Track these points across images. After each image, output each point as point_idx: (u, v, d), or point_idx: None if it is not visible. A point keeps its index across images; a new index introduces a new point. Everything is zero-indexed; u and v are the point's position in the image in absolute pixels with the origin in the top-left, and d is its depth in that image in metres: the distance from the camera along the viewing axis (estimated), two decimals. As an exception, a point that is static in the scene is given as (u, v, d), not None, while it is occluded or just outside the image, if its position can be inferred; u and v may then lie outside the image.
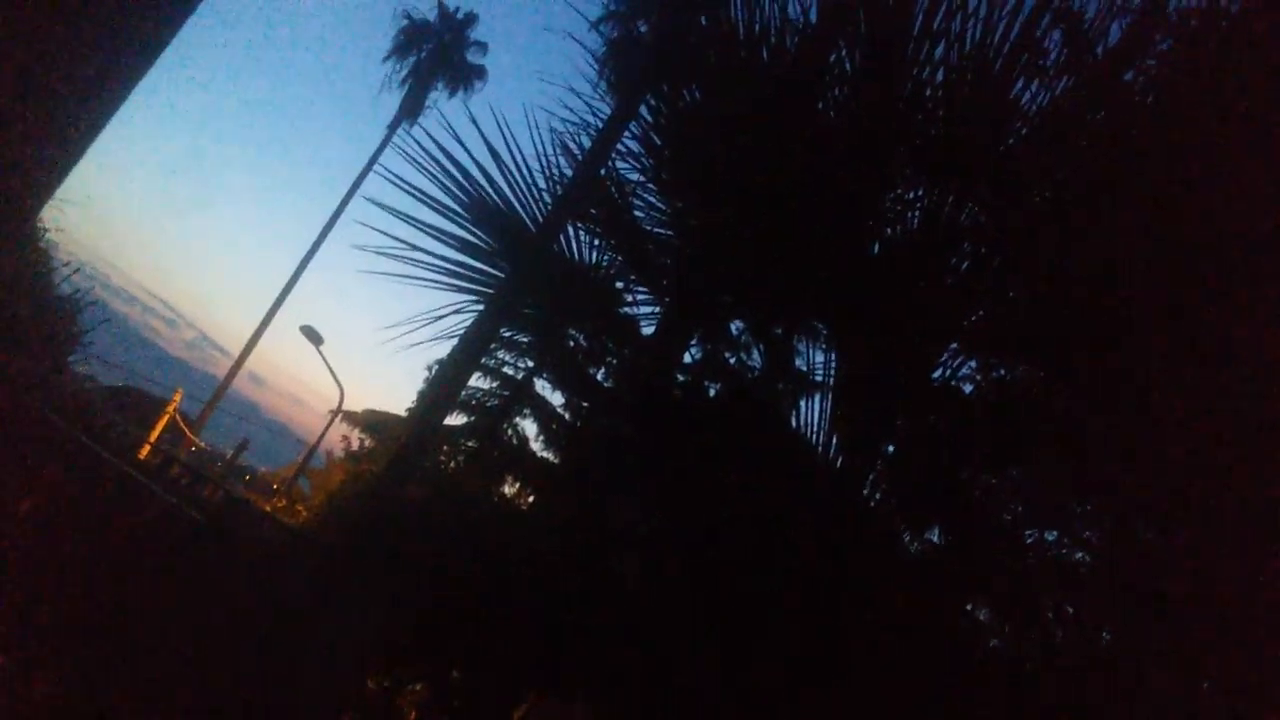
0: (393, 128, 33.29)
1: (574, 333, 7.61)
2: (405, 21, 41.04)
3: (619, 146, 6.48)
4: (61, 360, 8.57)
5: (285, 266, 34.92)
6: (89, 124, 5.66)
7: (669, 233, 6.98)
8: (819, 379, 6.37)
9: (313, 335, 19.21)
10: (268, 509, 10.38)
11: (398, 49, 40.79)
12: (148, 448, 13.25)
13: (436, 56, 40.14)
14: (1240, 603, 4.44)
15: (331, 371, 19.39)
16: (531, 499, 7.75)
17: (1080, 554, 5.41)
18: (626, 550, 5.79)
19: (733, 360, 7.01)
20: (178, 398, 18.02)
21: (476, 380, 7.90)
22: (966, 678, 4.85)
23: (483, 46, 41.67)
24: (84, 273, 9.20)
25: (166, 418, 16.67)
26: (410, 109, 37.27)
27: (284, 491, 17.76)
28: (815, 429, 5.84)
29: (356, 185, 36.06)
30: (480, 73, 40.30)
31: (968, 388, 5.81)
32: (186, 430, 18.86)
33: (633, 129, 6.56)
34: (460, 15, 41.58)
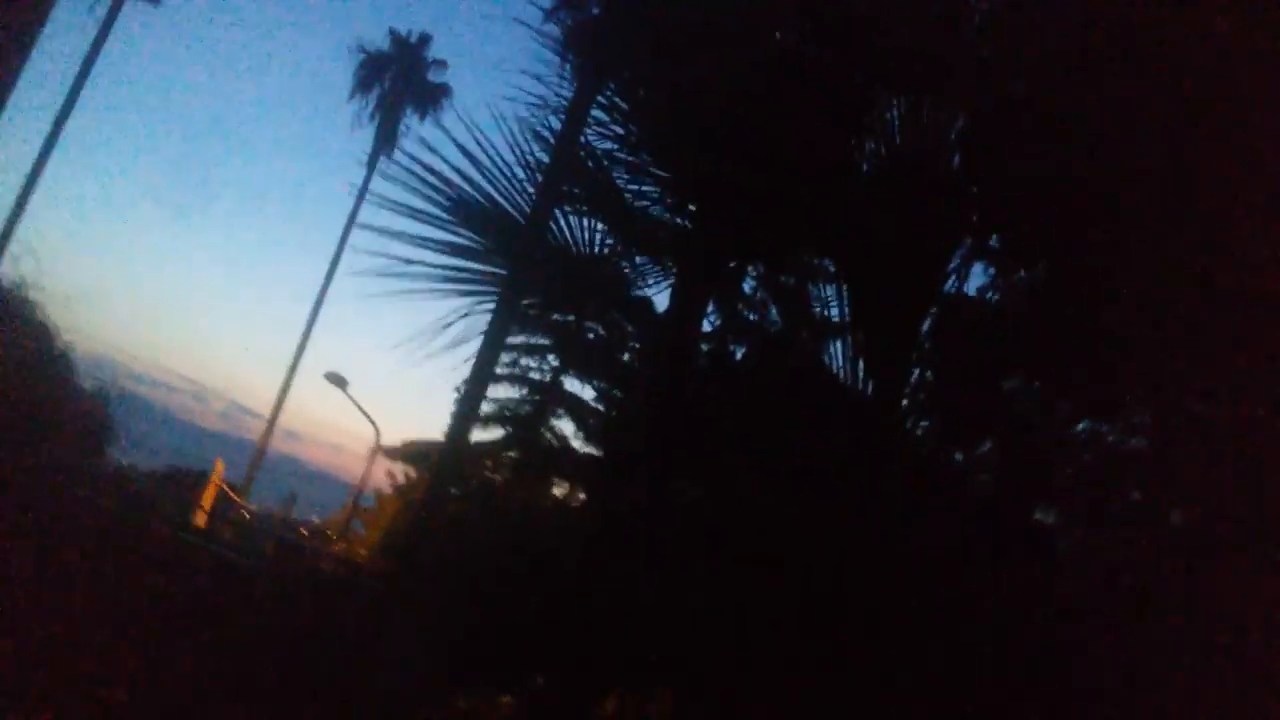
0: (371, 163, 33.29)
1: (590, 324, 7.61)
2: (362, 55, 40.95)
3: (592, 117, 6.43)
4: (99, 451, 8.64)
5: (297, 318, 35.14)
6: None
7: (657, 202, 6.94)
8: (836, 319, 6.35)
9: (337, 380, 19.28)
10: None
11: (360, 85, 40.75)
12: (203, 515, 13.43)
13: (399, 84, 40.10)
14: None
15: (363, 411, 19.49)
16: (582, 495, 7.76)
17: (1135, 439, 5.36)
18: (674, 528, 5.79)
19: (753, 318, 6.98)
20: (219, 468, 18.16)
21: (507, 391, 7.93)
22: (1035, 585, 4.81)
23: (442, 64, 41.55)
24: (105, 365, 9.26)
25: (214, 489, 16.81)
26: (385, 140, 37.27)
27: (340, 536, 17.87)
28: (843, 368, 5.81)
29: (349, 227, 36.08)
30: (445, 90, 40.21)
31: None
32: (235, 497, 19.01)
33: (602, 99, 6.51)
34: (414, 39, 41.47)
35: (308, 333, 38.04)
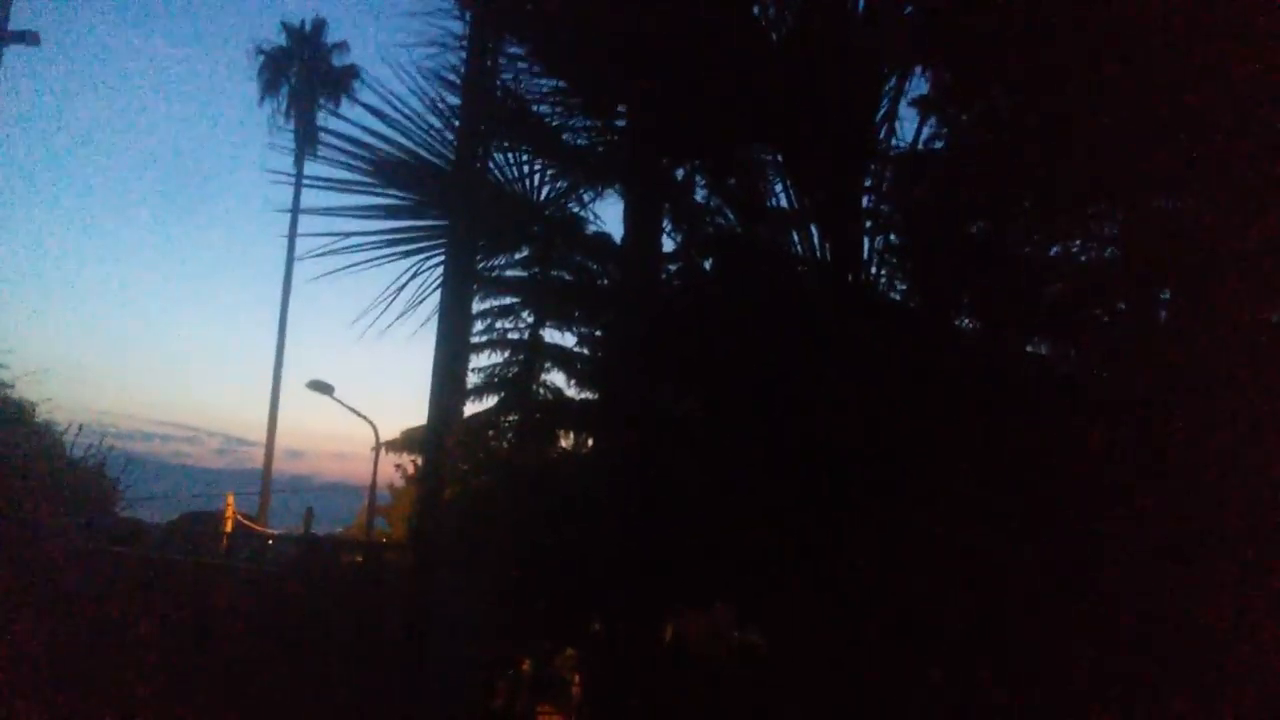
0: (298, 160, 32.67)
1: (555, 271, 7.56)
2: (261, 56, 40.06)
3: (492, 46, 6.33)
4: (106, 512, 8.65)
5: (267, 337, 34.80)
6: None
7: (580, 123, 6.84)
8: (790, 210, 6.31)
9: (322, 387, 19.21)
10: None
11: (267, 86, 39.91)
12: (225, 541, 13.62)
13: (304, 77, 39.27)
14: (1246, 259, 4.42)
15: (355, 412, 19.46)
16: (590, 441, 7.80)
17: (1108, 250, 5.38)
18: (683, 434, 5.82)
19: (711, 229, 6.94)
20: (230, 501, 18.22)
21: (490, 359, 7.91)
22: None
23: (343, 46, 40.72)
24: (89, 431, 9.23)
25: (230, 521, 16.89)
26: (306, 136, 36.50)
27: (364, 537, 18.00)
28: (813, 253, 5.80)
29: (293, 229, 35.39)
30: (353, 71, 39.33)
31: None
32: (251, 525, 19.05)
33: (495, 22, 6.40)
34: (308, 27, 40.53)
35: (281, 346, 37.80)
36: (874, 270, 5.63)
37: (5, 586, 4.97)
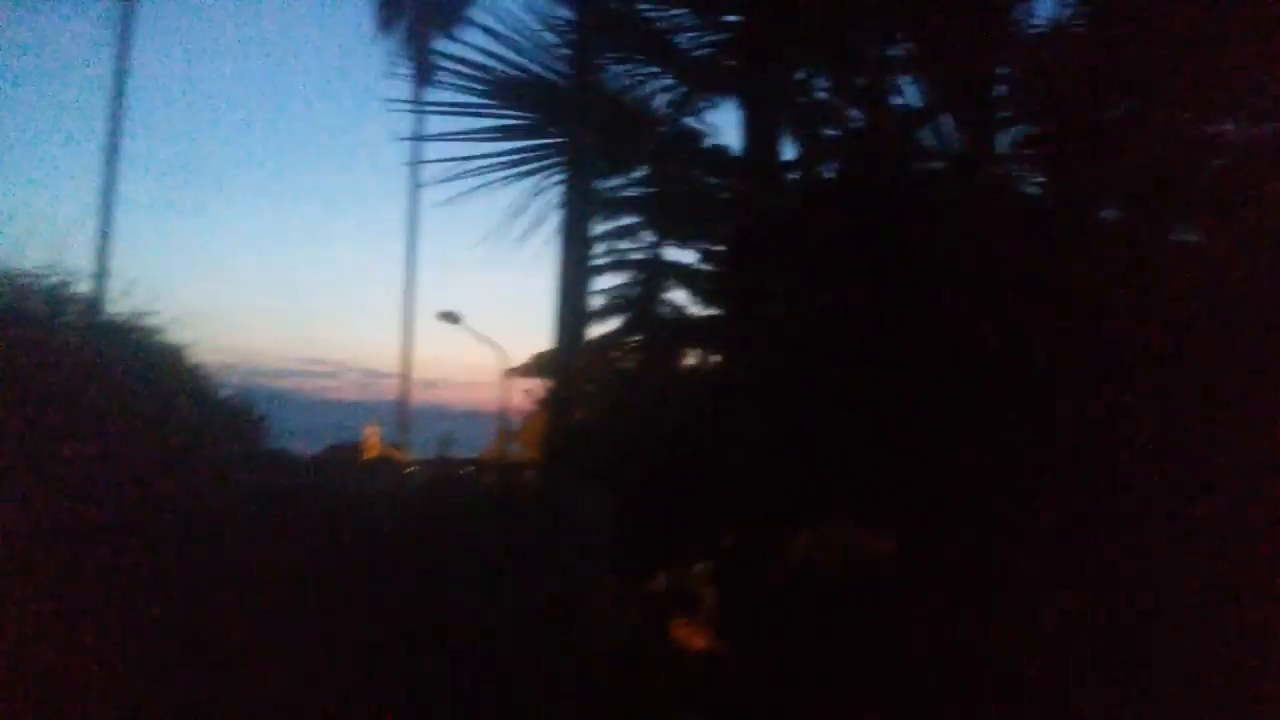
0: (416, 89, 33.13)
1: (672, 187, 7.42)
2: (375, -8, 40.30)
3: None
4: (256, 445, 9.07)
5: (395, 268, 35.76)
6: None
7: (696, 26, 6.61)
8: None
9: (451, 317, 19.73)
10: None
11: (383, 25, 40.25)
12: (368, 470, 14.25)
13: (421, 12, 39.45)
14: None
15: (484, 340, 19.91)
16: (716, 358, 7.72)
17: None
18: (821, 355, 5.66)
19: (833, 132, 6.67)
20: (371, 430, 19.00)
21: (611, 280, 7.88)
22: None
23: (456, -29, 40.59)
24: (235, 371, 9.64)
25: (372, 451, 17.63)
26: (424, 62, 36.79)
27: (498, 460, 18.51)
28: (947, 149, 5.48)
29: (415, 154, 36.09)
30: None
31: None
32: (393, 454, 19.86)
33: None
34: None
35: (410, 278, 38.76)
36: (1010, 165, 5.30)
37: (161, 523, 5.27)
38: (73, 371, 7.08)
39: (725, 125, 6.88)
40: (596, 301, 7.71)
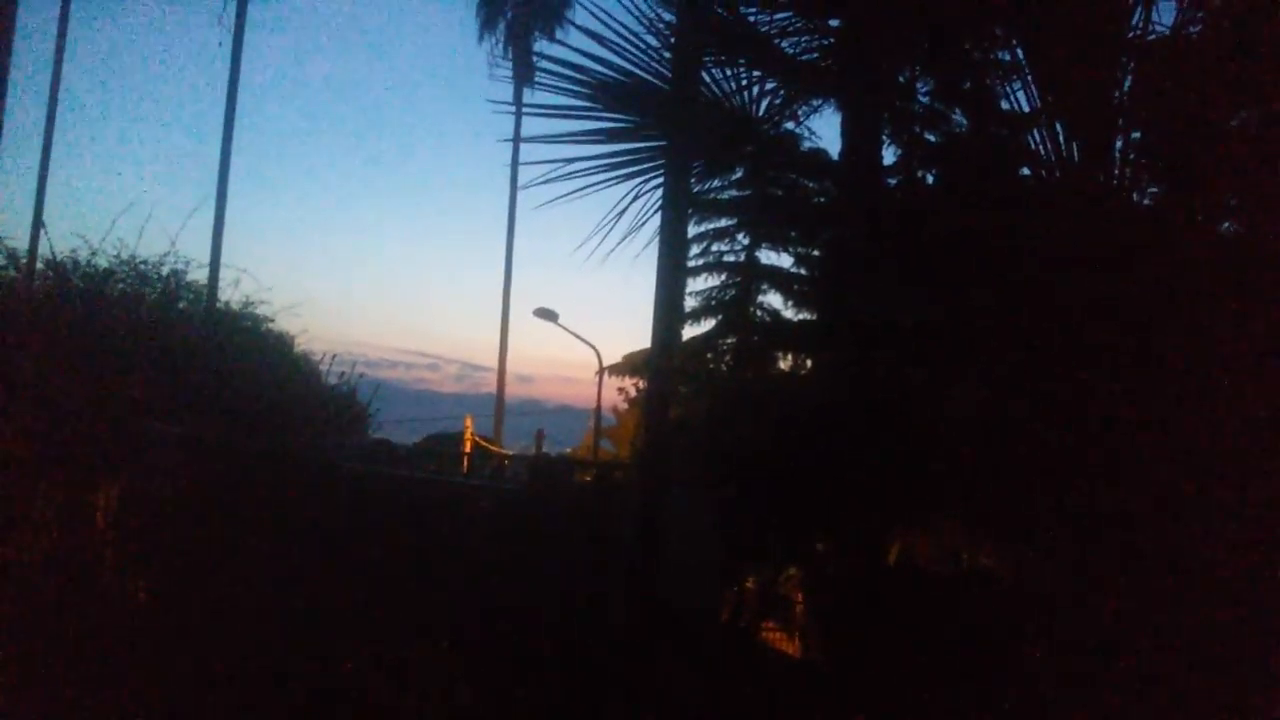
0: (517, 91, 33.57)
1: (770, 190, 7.42)
2: (481, -9, 40.91)
3: None
4: (359, 435, 9.38)
5: (494, 266, 36.28)
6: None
7: (801, 30, 6.57)
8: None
9: (547, 314, 19.97)
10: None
11: (485, 24, 40.87)
12: (466, 462, 14.52)
13: (521, 10, 39.94)
14: None
15: (579, 337, 20.12)
16: (809, 362, 7.69)
17: None
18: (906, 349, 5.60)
19: (933, 140, 6.57)
20: (469, 423, 19.36)
21: (706, 282, 7.92)
22: None
23: (558, -29, 40.92)
24: (341, 360, 9.98)
25: (469, 443, 17.96)
26: (525, 64, 37.29)
27: (592, 458, 18.70)
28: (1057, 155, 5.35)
29: (515, 154, 36.47)
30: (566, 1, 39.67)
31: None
32: (489, 447, 20.19)
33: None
34: (522, -43, 41.00)
35: (508, 275, 39.30)
36: (1124, 172, 5.15)
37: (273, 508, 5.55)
38: (187, 355, 7.48)
39: (826, 131, 6.88)
40: (692, 303, 7.78)
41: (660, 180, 6.54)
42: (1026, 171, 5.77)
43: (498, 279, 38.32)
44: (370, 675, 4.95)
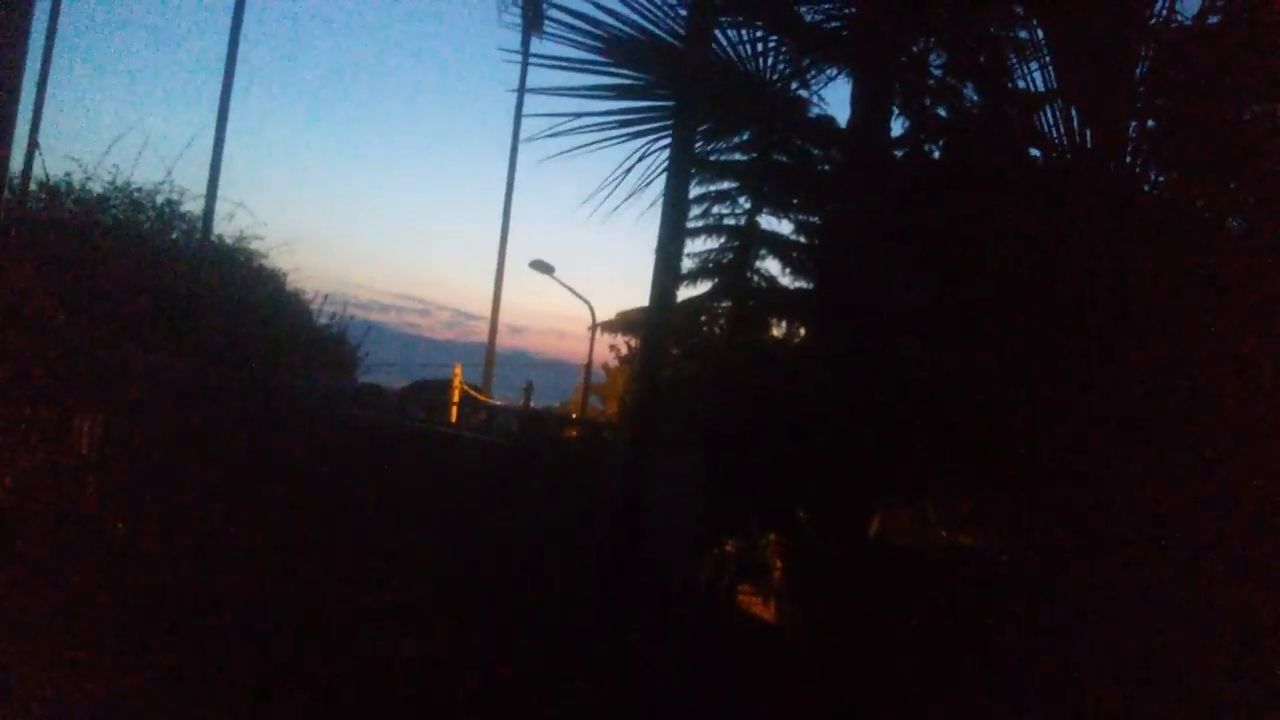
0: (524, 40, 33.17)
1: (775, 155, 7.36)
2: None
3: None
4: (347, 376, 9.36)
5: (492, 215, 35.89)
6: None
7: None
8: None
9: (543, 267, 19.84)
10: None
11: (496, -30, 40.20)
12: (454, 411, 14.46)
13: (534, -42, 39.32)
14: None
15: (574, 292, 20.02)
16: (802, 330, 7.69)
17: None
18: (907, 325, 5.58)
19: (946, 110, 6.51)
20: (458, 372, 19.30)
21: (705, 244, 7.87)
22: None
23: (573, -76, 40.23)
24: (333, 300, 9.93)
25: (457, 391, 17.92)
26: (531, 21, 36.79)
27: (580, 414, 18.70)
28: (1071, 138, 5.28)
29: (519, 106, 36.09)
30: (583, -55, 39.02)
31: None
32: (478, 396, 20.18)
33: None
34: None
35: (506, 225, 39.01)
36: (1136, 160, 5.10)
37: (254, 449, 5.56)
38: (180, 286, 7.44)
39: (836, 101, 6.78)
40: (689, 264, 7.73)
41: (668, 141, 6.43)
42: (1036, 153, 5.70)
43: (495, 227, 38.00)
44: (348, 613, 5.00)
